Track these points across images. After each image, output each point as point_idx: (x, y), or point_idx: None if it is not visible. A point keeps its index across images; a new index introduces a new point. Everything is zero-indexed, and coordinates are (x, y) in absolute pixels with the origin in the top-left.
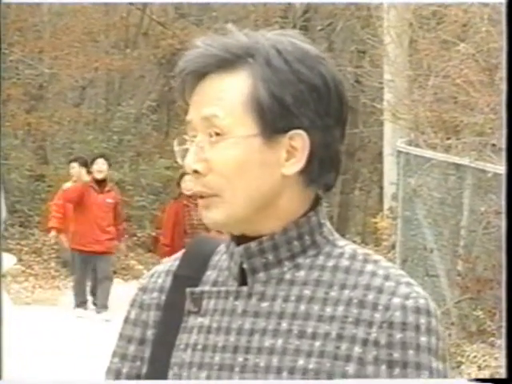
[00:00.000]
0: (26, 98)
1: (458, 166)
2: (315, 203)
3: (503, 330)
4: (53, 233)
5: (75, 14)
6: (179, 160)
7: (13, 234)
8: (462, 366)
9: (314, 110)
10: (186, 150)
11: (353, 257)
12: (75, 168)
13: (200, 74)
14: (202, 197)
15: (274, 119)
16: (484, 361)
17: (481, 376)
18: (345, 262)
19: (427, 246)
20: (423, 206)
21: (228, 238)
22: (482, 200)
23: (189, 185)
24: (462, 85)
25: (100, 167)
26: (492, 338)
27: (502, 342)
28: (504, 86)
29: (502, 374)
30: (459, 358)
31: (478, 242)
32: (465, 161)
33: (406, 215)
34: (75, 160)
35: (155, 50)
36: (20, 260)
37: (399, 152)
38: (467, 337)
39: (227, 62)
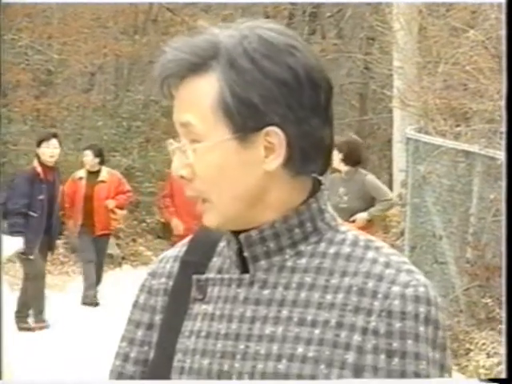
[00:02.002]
0: (34, 83)
1: (467, 153)
2: (315, 189)
3: (503, 330)
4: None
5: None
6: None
7: None
8: (471, 353)
9: (285, 104)
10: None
11: (354, 243)
12: (88, 156)
13: (175, 78)
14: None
15: (243, 120)
16: (493, 348)
17: (489, 363)
18: (346, 249)
19: (436, 233)
20: (432, 193)
21: None
22: (492, 187)
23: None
24: (471, 72)
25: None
26: (501, 326)
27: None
28: (504, 92)
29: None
30: (468, 346)
31: (487, 229)
32: (474, 148)
33: (415, 202)
34: (89, 148)
35: (164, 36)
36: None
37: (408, 139)
38: (476, 324)
39: (196, 65)
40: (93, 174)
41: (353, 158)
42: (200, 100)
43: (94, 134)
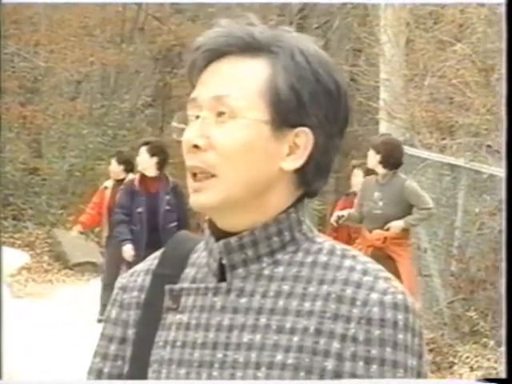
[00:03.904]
0: (21, 91)
1: (452, 167)
2: (296, 200)
3: (503, 331)
4: (78, 227)
5: (71, 8)
6: (175, 136)
7: (6, 227)
8: (455, 367)
9: (325, 113)
10: (184, 130)
11: (331, 252)
12: (112, 164)
13: (218, 53)
14: (195, 175)
15: (287, 110)
16: (476, 361)
17: (473, 377)
18: (323, 258)
19: (421, 245)
20: None
21: (207, 235)
22: (477, 201)
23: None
24: (458, 85)
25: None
26: (485, 339)
27: (493, 343)
28: (504, 90)
29: (494, 374)
30: (452, 359)
31: (471, 242)
32: (460, 161)
33: None
34: (114, 155)
35: (151, 45)
36: None
37: None
38: (460, 337)
39: (250, 46)
40: (118, 183)
41: (391, 161)
42: (246, 77)
43: (79, 142)
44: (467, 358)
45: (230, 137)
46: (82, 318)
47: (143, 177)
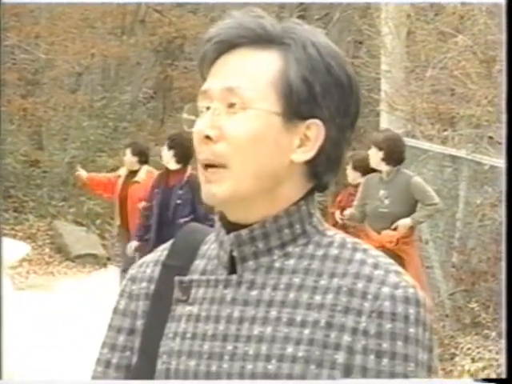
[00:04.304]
0: (21, 83)
1: (454, 158)
2: (307, 193)
3: (503, 331)
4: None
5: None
6: (185, 128)
7: (7, 219)
8: (456, 358)
9: (337, 105)
10: (194, 121)
11: (342, 245)
12: (127, 155)
13: (230, 45)
14: (207, 166)
15: (299, 102)
16: (478, 353)
17: (474, 368)
18: (334, 251)
19: (422, 237)
20: None
21: (218, 227)
22: (478, 192)
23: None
24: (459, 77)
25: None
26: (486, 331)
27: (494, 334)
28: (504, 84)
29: (495, 366)
30: (453, 350)
31: (473, 234)
32: (461, 153)
33: None
34: (129, 146)
35: (152, 37)
36: None
37: None
38: (461, 329)
39: (262, 38)
40: (131, 174)
41: (394, 157)
42: (258, 69)
43: (80, 134)
44: (468, 349)
45: (241, 127)
46: (84, 309)
47: (167, 170)
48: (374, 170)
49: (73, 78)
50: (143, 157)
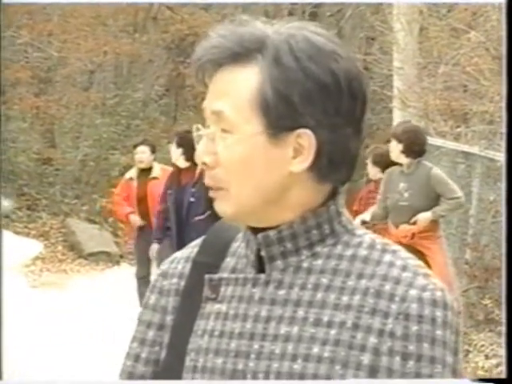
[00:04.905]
0: (34, 81)
1: (467, 155)
2: (333, 193)
3: (503, 330)
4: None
5: None
6: (196, 144)
7: (20, 217)
8: (470, 355)
9: (322, 108)
10: (201, 136)
11: (371, 246)
12: (145, 153)
13: (215, 64)
14: (211, 188)
15: (279, 117)
16: (492, 350)
17: (488, 365)
18: (363, 252)
19: None
20: None
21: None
22: (491, 189)
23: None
24: (472, 73)
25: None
26: (500, 327)
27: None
28: (504, 85)
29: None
30: (466, 347)
31: (486, 230)
32: (474, 149)
33: None
34: (142, 143)
35: (164, 34)
36: None
37: None
38: (475, 325)
39: (240, 55)
40: (144, 173)
41: (414, 149)
42: (238, 90)
43: (93, 132)
44: (482, 346)
45: (231, 153)
46: (97, 307)
47: (178, 169)
48: (394, 165)
49: (85, 76)
50: (155, 153)
